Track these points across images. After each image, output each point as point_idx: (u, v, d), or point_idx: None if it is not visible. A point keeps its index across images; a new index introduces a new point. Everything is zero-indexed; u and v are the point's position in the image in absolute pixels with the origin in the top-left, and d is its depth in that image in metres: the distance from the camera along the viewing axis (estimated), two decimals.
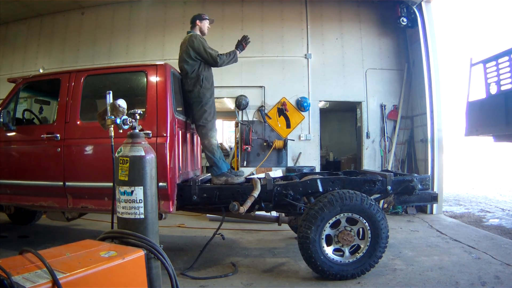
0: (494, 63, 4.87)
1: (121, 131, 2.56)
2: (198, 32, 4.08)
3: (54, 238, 4.83)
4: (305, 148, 7.23)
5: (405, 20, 6.87)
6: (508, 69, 4.60)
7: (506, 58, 4.63)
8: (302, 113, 7.21)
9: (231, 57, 3.98)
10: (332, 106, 9.82)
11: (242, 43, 4.08)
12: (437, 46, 6.70)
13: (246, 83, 7.29)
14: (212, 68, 4.08)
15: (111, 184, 2.45)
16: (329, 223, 3.30)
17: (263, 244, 4.67)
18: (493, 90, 4.91)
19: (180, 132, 3.77)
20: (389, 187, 3.62)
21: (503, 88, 4.68)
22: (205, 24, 4.15)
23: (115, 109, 2.47)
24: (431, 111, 6.62)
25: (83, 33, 7.91)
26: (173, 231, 5.37)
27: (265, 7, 7.52)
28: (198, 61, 3.90)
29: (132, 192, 2.30)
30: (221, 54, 3.93)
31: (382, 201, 5.18)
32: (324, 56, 7.39)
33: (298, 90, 7.26)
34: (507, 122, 4.47)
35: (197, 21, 4.10)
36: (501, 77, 4.72)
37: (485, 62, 5.05)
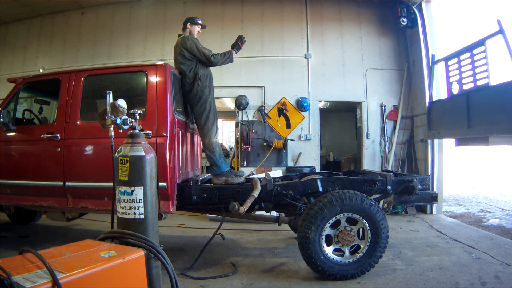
0: (456, 60, 4.64)
1: (121, 131, 2.56)
2: (188, 34, 4.10)
3: (54, 238, 4.83)
4: (305, 148, 7.23)
5: (405, 20, 6.87)
6: (470, 66, 4.36)
7: (468, 54, 4.39)
8: (302, 113, 7.21)
9: (226, 57, 4.00)
10: (332, 106, 9.81)
11: (238, 43, 4.10)
12: (437, 46, 6.69)
13: (246, 83, 7.29)
14: (210, 67, 4.10)
15: (111, 184, 2.45)
16: (329, 223, 3.30)
17: (263, 244, 4.67)
18: (455, 89, 4.67)
19: (180, 132, 3.77)
20: (389, 187, 3.62)
21: (465, 87, 4.42)
22: (195, 29, 4.18)
23: (115, 109, 2.47)
24: None
25: (83, 33, 7.91)
26: (173, 231, 5.37)
27: (265, 7, 7.52)
28: (194, 60, 3.94)
29: (132, 192, 2.30)
30: (215, 54, 3.95)
31: (382, 201, 5.17)
32: (324, 56, 7.39)
33: (298, 90, 7.27)
34: (469, 124, 4.24)
35: (188, 24, 4.15)
36: (463, 75, 4.48)
37: (447, 59, 4.81)
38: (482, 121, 3.95)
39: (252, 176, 4.86)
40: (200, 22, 4.20)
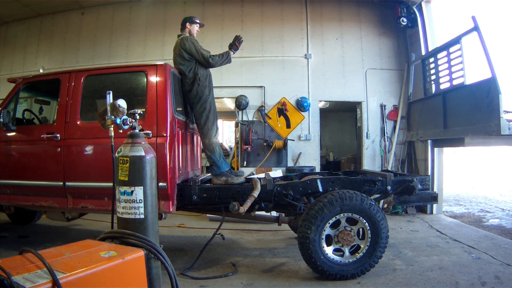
0: (433, 59, 4.53)
1: (121, 131, 2.56)
2: (187, 35, 4.10)
3: (54, 238, 4.83)
4: (305, 148, 7.23)
5: (405, 20, 6.87)
6: (446, 65, 4.27)
7: (445, 53, 4.31)
8: (302, 113, 7.21)
9: (224, 58, 4.00)
10: (332, 106, 9.81)
11: (235, 43, 4.10)
12: (437, 46, 6.69)
13: (246, 83, 7.29)
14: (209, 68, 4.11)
15: (111, 184, 2.45)
16: (329, 223, 3.30)
17: (263, 244, 4.67)
18: (432, 89, 4.57)
19: (180, 132, 3.77)
20: (389, 187, 3.62)
21: (442, 87, 4.33)
22: (195, 28, 4.19)
23: (115, 109, 2.47)
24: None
25: (83, 33, 7.91)
26: (173, 231, 5.37)
27: (265, 7, 7.52)
28: (193, 61, 3.95)
29: (132, 192, 2.30)
30: (213, 55, 3.95)
31: (382, 201, 5.17)
32: (324, 56, 7.39)
33: (298, 90, 7.26)
34: (445, 125, 4.12)
35: (187, 24, 4.15)
36: (440, 74, 4.39)
37: (424, 58, 4.71)
38: (458, 121, 3.85)
39: (252, 176, 4.87)
40: (198, 21, 4.21)
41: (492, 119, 3.13)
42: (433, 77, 4.42)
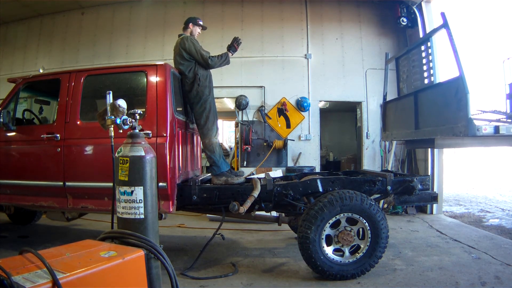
0: (406, 57, 4.44)
1: (121, 131, 2.56)
2: (188, 35, 4.10)
3: (54, 238, 4.83)
4: (305, 148, 7.23)
5: (405, 20, 6.87)
6: (417, 63, 4.18)
7: (417, 51, 4.23)
8: (302, 113, 7.21)
9: (222, 59, 4.01)
10: (332, 106, 9.81)
11: (233, 45, 4.10)
12: (437, 46, 6.69)
13: (246, 83, 7.29)
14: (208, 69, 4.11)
15: (111, 184, 2.45)
16: (329, 223, 3.30)
17: (263, 244, 4.67)
18: (405, 89, 4.50)
19: (180, 132, 3.77)
20: (389, 187, 3.62)
21: (414, 86, 4.24)
22: (197, 29, 4.19)
23: (115, 109, 2.47)
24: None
25: (83, 33, 7.91)
26: (173, 231, 5.37)
27: (265, 7, 7.52)
28: (193, 61, 3.95)
29: (132, 192, 2.29)
30: (212, 56, 3.96)
31: (382, 201, 5.17)
32: (324, 56, 7.39)
33: (298, 90, 7.27)
34: (416, 126, 3.98)
35: (190, 24, 4.16)
36: (412, 73, 4.29)
37: (398, 57, 4.63)
38: (429, 122, 3.70)
39: (252, 176, 4.87)
40: (201, 23, 4.22)
41: (460, 120, 3.05)
42: (406, 76, 4.36)
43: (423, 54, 4.08)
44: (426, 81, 3.95)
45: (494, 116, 4.26)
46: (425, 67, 4.01)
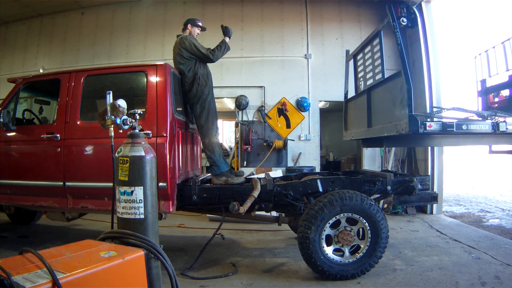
0: (361, 55, 4.36)
1: (121, 131, 2.56)
2: (187, 35, 4.11)
3: (54, 238, 4.82)
4: (305, 148, 7.23)
5: (405, 20, 6.84)
6: (370, 60, 4.12)
7: (369, 47, 4.15)
8: (302, 113, 7.21)
9: (223, 48, 4.02)
10: (332, 106, 9.81)
11: (225, 31, 4.11)
12: (437, 46, 6.69)
13: (246, 83, 7.29)
14: (209, 65, 4.13)
15: (111, 184, 2.45)
16: (329, 223, 3.30)
17: (263, 244, 4.67)
18: (362, 86, 4.41)
19: (180, 132, 3.77)
20: (389, 187, 3.62)
21: (368, 83, 4.16)
22: (195, 30, 4.21)
23: (115, 109, 2.47)
24: (431, 111, 6.60)
25: (83, 33, 7.92)
26: (173, 231, 5.37)
27: (265, 7, 7.52)
28: (193, 59, 3.96)
29: (132, 192, 2.30)
30: (212, 50, 3.96)
31: (382, 201, 5.17)
32: (324, 56, 7.39)
33: (298, 90, 7.27)
34: (369, 124, 3.82)
35: (189, 25, 4.17)
36: (367, 69, 4.22)
37: (355, 54, 4.54)
38: (379, 120, 3.63)
39: (252, 176, 4.86)
40: (200, 24, 4.23)
41: (403, 117, 3.00)
42: (362, 74, 4.30)
43: (375, 50, 4.01)
44: (377, 77, 3.88)
45: (466, 114, 4.07)
46: (376, 63, 3.93)
